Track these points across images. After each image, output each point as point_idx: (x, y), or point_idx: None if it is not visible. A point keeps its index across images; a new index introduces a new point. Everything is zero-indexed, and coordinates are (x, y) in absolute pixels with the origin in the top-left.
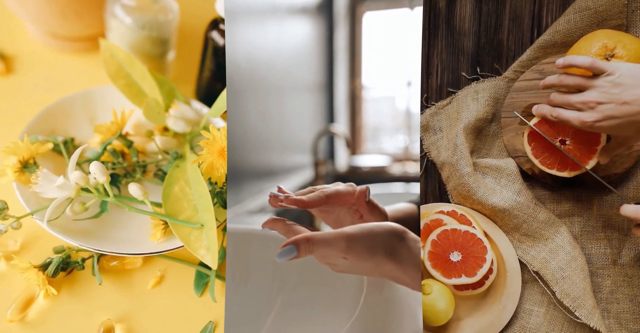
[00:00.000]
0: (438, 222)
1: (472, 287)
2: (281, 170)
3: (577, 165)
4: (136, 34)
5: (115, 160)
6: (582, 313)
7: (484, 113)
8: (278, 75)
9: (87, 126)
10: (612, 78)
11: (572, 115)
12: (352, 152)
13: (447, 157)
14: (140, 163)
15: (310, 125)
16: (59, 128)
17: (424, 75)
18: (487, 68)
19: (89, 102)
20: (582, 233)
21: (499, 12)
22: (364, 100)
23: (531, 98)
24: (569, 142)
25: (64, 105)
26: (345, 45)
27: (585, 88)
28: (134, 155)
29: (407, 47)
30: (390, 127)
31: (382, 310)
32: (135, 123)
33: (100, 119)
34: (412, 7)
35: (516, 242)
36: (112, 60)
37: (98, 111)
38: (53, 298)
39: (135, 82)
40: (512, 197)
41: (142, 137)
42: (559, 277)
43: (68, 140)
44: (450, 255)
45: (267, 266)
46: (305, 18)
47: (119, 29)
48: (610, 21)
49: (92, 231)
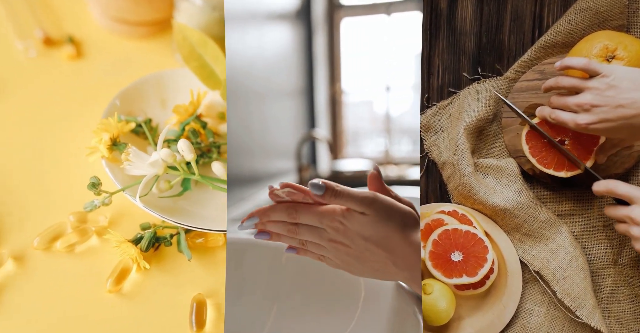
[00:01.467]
0: (439, 222)
1: (473, 287)
2: (264, 175)
3: (574, 166)
4: (207, 15)
5: (194, 140)
6: (583, 313)
7: (485, 113)
8: (258, 81)
9: (159, 108)
10: (607, 80)
11: (568, 117)
12: (334, 156)
13: (448, 157)
14: (216, 143)
15: (291, 130)
16: (135, 109)
17: (425, 75)
18: (489, 68)
19: (160, 85)
20: (583, 233)
21: (500, 12)
22: (344, 104)
23: (532, 98)
24: (567, 142)
25: (138, 88)
26: (324, 50)
27: (581, 90)
28: (210, 136)
29: (384, 52)
30: (370, 131)
31: (380, 320)
32: (207, 104)
33: (171, 101)
34: (389, 13)
35: (517, 242)
36: (185, 42)
37: (169, 94)
38: (145, 273)
39: (208, 63)
40: (513, 197)
41: (213, 118)
42: (559, 276)
43: (147, 120)
44: (452, 255)
45: (261, 274)
46: (284, 24)
47: (189, 10)
48: (611, 22)
49: (177, 208)
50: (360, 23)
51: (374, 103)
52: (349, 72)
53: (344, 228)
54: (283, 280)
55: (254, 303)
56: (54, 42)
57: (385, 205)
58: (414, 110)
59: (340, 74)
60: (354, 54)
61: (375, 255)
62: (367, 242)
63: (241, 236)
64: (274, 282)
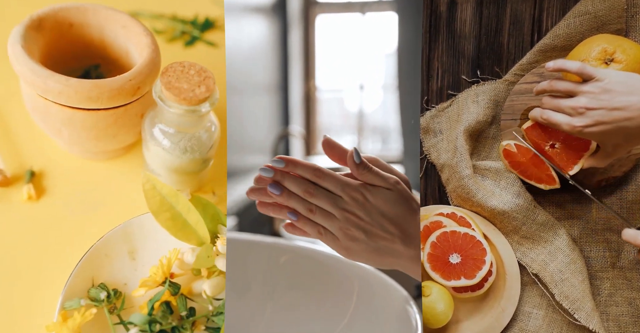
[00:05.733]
0: (437, 224)
1: (472, 289)
2: (240, 171)
3: (552, 180)
4: (179, 158)
5: (165, 322)
6: (581, 316)
7: (484, 116)
8: (235, 75)
9: (127, 261)
10: (601, 84)
11: (562, 119)
12: (308, 152)
13: (447, 160)
14: (189, 318)
15: (267, 126)
16: (99, 274)
17: (424, 77)
18: (488, 71)
19: (127, 235)
20: (581, 236)
21: (499, 15)
22: (317, 101)
23: (531, 101)
24: (558, 146)
25: (102, 248)
26: (300, 46)
27: (575, 94)
28: (182, 309)
29: (358, 50)
30: (341, 127)
31: (373, 315)
32: (179, 259)
33: (141, 251)
34: (364, 12)
35: (515, 244)
36: (153, 192)
37: (137, 243)
38: None
39: (180, 214)
40: (512, 200)
41: (188, 274)
42: (558, 279)
43: (111, 293)
44: (450, 257)
45: (259, 272)
46: (260, 17)
47: (157, 152)
48: (609, 26)
49: None
50: (335, 20)
51: (345, 100)
52: (323, 69)
53: (364, 200)
54: (279, 278)
55: (252, 299)
56: (11, 181)
57: (406, 188)
58: (386, 109)
59: (315, 70)
60: (329, 51)
61: (387, 231)
62: (384, 217)
63: (241, 237)
64: (270, 279)
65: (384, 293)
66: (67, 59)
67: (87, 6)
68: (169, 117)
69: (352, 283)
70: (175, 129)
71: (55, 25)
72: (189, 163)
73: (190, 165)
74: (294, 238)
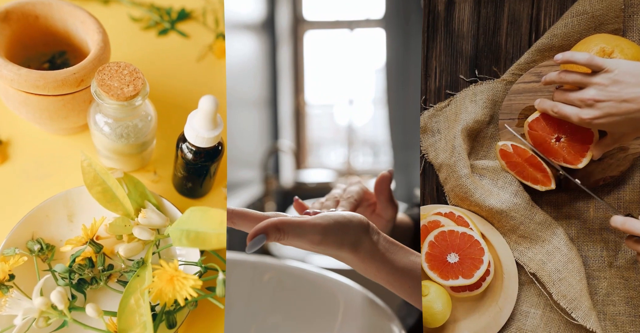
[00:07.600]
0: (435, 224)
1: (469, 289)
2: (228, 185)
3: (548, 181)
4: (115, 142)
5: (81, 272)
6: (579, 315)
7: (482, 115)
8: (223, 90)
9: (66, 223)
10: (610, 75)
11: (572, 112)
12: (297, 166)
13: (445, 159)
14: (104, 272)
15: (256, 140)
16: (39, 230)
17: (422, 77)
18: (486, 71)
19: (68, 201)
20: (579, 235)
21: (497, 15)
22: (307, 115)
23: (529, 100)
24: (564, 139)
25: (45, 209)
26: (289, 62)
27: (584, 85)
28: (100, 264)
29: (347, 66)
30: (332, 141)
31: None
32: (108, 224)
33: (78, 215)
34: (352, 29)
35: (513, 244)
36: (89, 168)
37: (76, 208)
38: None
39: (110, 188)
40: (509, 199)
41: (114, 238)
42: (555, 278)
43: (45, 246)
44: (448, 256)
45: (243, 292)
46: (248, 34)
47: (99, 136)
48: (607, 25)
49: None
50: (323, 37)
51: (335, 115)
52: (312, 84)
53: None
54: (263, 297)
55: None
56: None
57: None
58: (375, 123)
59: (304, 85)
60: (318, 67)
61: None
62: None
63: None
64: (254, 299)
65: (369, 311)
66: (37, 45)
67: (50, 1)
68: (105, 109)
69: (338, 301)
70: (112, 119)
71: (22, 17)
72: (125, 146)
73: (127, 148)
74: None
